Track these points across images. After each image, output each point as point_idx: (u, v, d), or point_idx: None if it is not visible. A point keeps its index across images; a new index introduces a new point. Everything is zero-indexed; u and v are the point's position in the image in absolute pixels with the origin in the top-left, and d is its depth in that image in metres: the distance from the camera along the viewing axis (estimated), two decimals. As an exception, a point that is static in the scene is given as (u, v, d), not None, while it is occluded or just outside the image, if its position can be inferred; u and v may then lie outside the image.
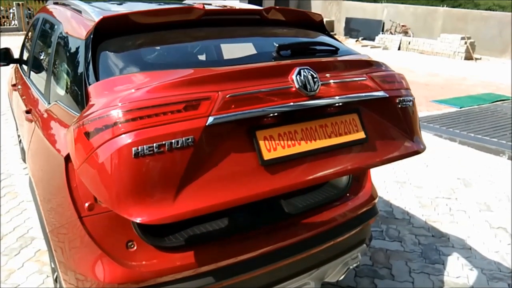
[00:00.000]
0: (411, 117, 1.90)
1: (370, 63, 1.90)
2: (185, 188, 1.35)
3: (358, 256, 2.22)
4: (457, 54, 13.50)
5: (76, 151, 1.45)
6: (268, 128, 1.54)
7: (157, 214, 1.30)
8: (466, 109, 7.01)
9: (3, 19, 17.34)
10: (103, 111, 1.39)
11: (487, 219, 3.54)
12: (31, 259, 2.83)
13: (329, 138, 1.64)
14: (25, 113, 2.56)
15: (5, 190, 3.77)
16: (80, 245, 1.67)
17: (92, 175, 1.37)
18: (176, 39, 2.01)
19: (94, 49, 1.75)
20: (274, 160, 1.50)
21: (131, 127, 1.32)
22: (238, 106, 1.45)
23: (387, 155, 1.77)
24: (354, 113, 1.74)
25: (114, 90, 1.52)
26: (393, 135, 1.83)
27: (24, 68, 3.30)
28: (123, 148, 1.30)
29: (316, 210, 2.07)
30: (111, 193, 1.32)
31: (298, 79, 1.58)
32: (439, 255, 3.02)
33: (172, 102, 1.38)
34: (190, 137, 1.35)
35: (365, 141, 1.73)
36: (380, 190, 3.96)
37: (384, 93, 1.81)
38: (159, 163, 1.32)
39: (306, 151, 1.58)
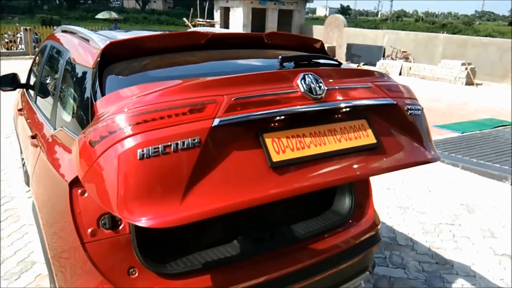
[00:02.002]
0: (422, 126, 1.86)
1: (374, 73, 1.89)
2: (192, 190, 1.31)
3: (361, 284, 2.20)
4: (458, 79, 13.62)
5: (81, 161, 1.43)
6: (276, 131, 1.52)
7: (165, 217, 1.27)
8: (468, 134, 7.02)
9: (11, 43, 17.66)
10: (107, 118, 1.39)
11: (491, 246, 3.51)
12: (31, 284, 2.81)
13: (338, 143, 1.61)
14: (31, 138, 2.59)
15: (7, 213, 3.77)
16: (82, 271, 1.67)
17: (98, 182, 1.35)
18: (181, 61, 2.05)
19: (100, 73, 1.78)
20: (283, 162, 1.47)
21: (136, 130, 1.31)
22: (243, 108, 1.44)
23: (399, 161, 1.73)
24: (363, 119, 1.72)
25: (119, 100, 1.52)
26: (405, 142, 1.79)
27: (30, 93, 3.35)
28: (128, 150, 1.28)
29: (318, 237, 2.07)
30: (117, 198, 1.29)
31: (303, 84, 1.57)
32: (443, 283, 2.98)
33: (177, 106, 1.37)
34: (196, 138, 1.33)
35: (376, 146, 1.69)
36: (383, 216, 3.94)
37: (392, 100, 1.79)
38: (165, 165, 1.29)
39: (316, 154, 1.54)
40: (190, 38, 2.13)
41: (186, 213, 1.28)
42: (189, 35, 2.13)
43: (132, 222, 1.27)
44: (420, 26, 45.69)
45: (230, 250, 1.90)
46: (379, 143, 1.69)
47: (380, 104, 1.77)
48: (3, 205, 3.94)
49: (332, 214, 2.27)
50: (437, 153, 1.86)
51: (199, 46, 2.12)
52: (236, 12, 22.58)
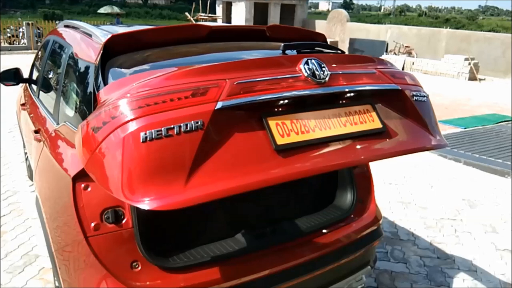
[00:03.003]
0: (428, 112, 1.84)
1: (377, 60, 1.88)
2: (197, 172, 1.30)
3: (362, 278, 2.21)
4: (461, 74, 13.57)
5: (84, 147, 1.43)
6: (280, 115, 1.51)
7: (169, 199, 1.26)
8: (470, 129, 7.01)
9: (13, 37, 17.66)
10: (109, 104, 1.39)
11: (493, 241, 3.51)
12: (34, 277, 2.83)
13: (343, 127, 1.60)
14: (34, 132, 2.60)
15: (11, 207, 3.80)
16: (85, 264, 1.68)
17: (101, 167, 1.34)
18: (183, 52, 2.05)
19: (103, 66, 1.78)
20: (287, 145, 1.45)
21: (138, 113, 1.31)
22: (246, 92, 1.44)
23: (406, 146, 1.72)
24: (368, 104, 1.70)
25: (121, 87, 1.52)
26: (411, 128, 1.78)
27: (33, 88, 3.36)
28: (131, 134, 1.28)
29: (320, 232, 2.08)
30: (121, 182, 1.28)
31: (306, 68, 1.56)
32: (444, 277, 2.99)
33: (179, 90, 1.37)
34: (199, 121, 1.32)
35: (382, 131, 1.67)
36: (385, 211, 3.94)
37: (397, 86, 1.77)
38: (169, 148, 1.29)
39: (321, 138, 1.53)
40: (192, 31, 2.14)
41: (191, 195, 1.27)
42: (190, 28, 2.13)
43: (136, 205, 1.26)
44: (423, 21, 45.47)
45: (233, 245, 1.91)
46: (385, 127, 1.68)
47: (384, 89, 1.75)
48: (7, 199, 3.96)
49: (334, 209, 2.28)
50: (443, 139, 1.84)
51: (201, 39, 2.13)
52: (238, 7, 22.50)
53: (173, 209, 1.26)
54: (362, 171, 2.40)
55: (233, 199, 2.33)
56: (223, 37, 2.24)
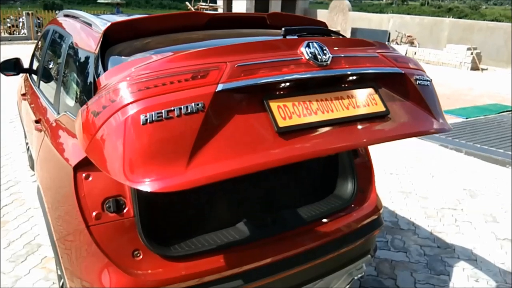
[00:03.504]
0: (432, 96, 1.82)
1: (380, 44, 1.86)
2: (198, 154, 1.30)
3: (362, 267, 2.23)
4: (463, 64, 13.49)
5: (84, 132, 1.42)
6: (281, 98, 1.50)
7: (171, 181, 1.25)
8: (472, 119, 6.99)
9: (13, 27, 17.58)
10: (109, 88, 1.39)
11: (493, 231, 3.53)
12: (37, 266, 2.86)
13: (346, 110, 1.58)
14: (35, 122, 2.61)
15: (13, 197, 3.81)
16: (87, 253, 1.69)
17: (102, 151, 1.33)
18: (183, 39, 2.04)
19: (103, 54, 1.77)
20: (289, 127, 1.44)
21: (138, 96, 1.30)
22: (247, 75, 1.43)
23: (409, 129, 1.71)
24: (371, 87, 1.69)
25: (120, 71, 1.51)
26: (414, 111, 1.76)
27: (33, 78, 3.35)
28: (131, 116, 1.28)
29: (321, 221, 2.08)
30: (122, 164, 1.27)
31: (307, 51, 1.55)
32: (444, 266, 3.01)
33: (179, 72, 1.36)
34: (199, 103, 1.32)
35: (385, 114, 1.66)
36: (386, 201, 3.95)
37: (399, 69, 1.76)
38: (169, 130, 1.28)
39: (323, 121, 1.52)
40: (192, 19, 2.13)
41: (192, 177, 1.26)
42: (190, 15, 2.12)
43: (138, 187, 1.26)
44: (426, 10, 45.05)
45: (233, 234, 1.92)
46: (388, 111, 1.66)
47: (387, 73, 1.73)
48: (8, 189, 3.98)
49: (335, 199, 2.29)
50: (447, 123, 1.82)
51: (201, 27, 2.12)
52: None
53: (174, 191, 1.25)
54: (363, 160, 2.40)
55: (234, 188, 2.34)
56: (223, 25, 2.23)
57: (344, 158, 2.30)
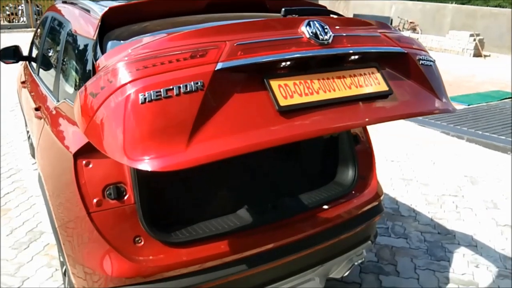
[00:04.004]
0: (435, 77, 1.80)
1: (382, 24, 1.84)
2: (198, 133, 1.28)
3: (363, 253, 2.24)
4: (465, 51, 13.38)
5: (82, 113, 1.41)
6: (283, 77, 1.49)
7: (171, 160, 1.24)
8: (474, 106, 6.96)
9: (12, 15, 17.47)
10: (107, 68, 1.38)
11: (494, 217, 3.53)
12: (40, 253, 2.88)
13: (349, 89, 1.56)
14: (34, 110, 2.60)
15: (15, 185, 3.83)
16: (88, 240, 1.70)
17: (101, 131, 1.32)
18: (182, 22, 2.02)
19: (101, 39, 1.76)
20: (291, 106, 1.42)
21: (136, 75, 1.29)
22: (247, 53, 1.41)
23: (413, 108, 1.70)
24: (373, 67, 1.67)
25: (118, 52, 1.50)
26: (418, 91, 1.74)
27: (33, 66, 3.34)
28: (130, 95, 1.26)
29: (322, 208, 2.09)
30: (121, 144, 1.26)
31: (308, 30, 1.52)
32: (444, 252, 3.02)
33: (178, 51, 1.35)
34: (199, 82, 1.30)
35: (388, 93, 1.63)
36: (387, 188, 3.96)
37: (402, 49, 1.73)
38: (169, 109, 1.27)
39: (325, 100, 1.49)
40: (190, 2, 2.11)
41: (193, 156, 1.25)
42: None
43: (138, 167, 1.25)
44: (428, -4, 44.66)
45: (234, 220, 1.93)
46: (391, 90, 1.64)
47: (390, 52, 1.71)
48: (10, 177, 3.99)
49: (336, 185, 2.29)
50: (451, 103, 1.80)
51: (200, 11, 2.10)
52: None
53: (175, 170, 1.24)
54: (364, 147, 2.39)
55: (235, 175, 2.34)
56: (223, 8, 2.20)
57: (345, 145, 2.30)
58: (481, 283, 2.72)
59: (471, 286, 2.69)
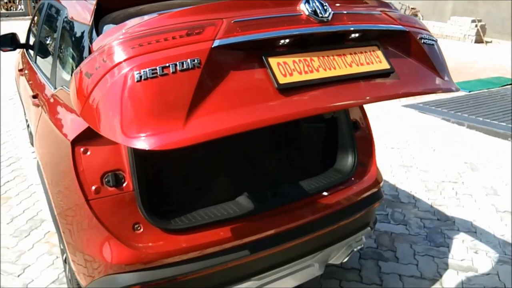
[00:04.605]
0: (438, 56, 1.78)
1: (383, 3, 1.81)
2: (196, 110, 1.26)
3: (362, 239, 2.24)
4: (467, 37, 13.27)
5: (78, 94, 1.39)
6: (281, 54, 1.46)
7: (169, 138, 1.22)
8: (475, 93, 6.92)
9: (10, 3, 17.31)
10: (102, 48, 1.36)
11: (494, 203, 3.54)
12: (40, 241, 2.89)
13: (349, 67, 1.54)
14: (32, 97, 2.59)
15: (15, 174, 3.83)
16: (88, 227, 1.71)
17: (97, 112, 1.30)
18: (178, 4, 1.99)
19: (97, 23, 1.74)
20: (290, 84, 1.41)
21: (131, 53, 1.27)
22: (244, 30, 1.39)
23: (415, 87, 1.68)
24: (374, 45, 1.65)
25: (113, 32, 1.48)
26: (420, 70, 1.72)
27: (30, 53, 3.32)
28: (125, 74, 1.25)
29: (321, 194, 2.09)
30: (117, 123, 1.24)
31: (307, 7, 1.50)
32: (444, 238, 3.03)
33: (174, 29, 1.33)
34: (195, 59, 1.28)
35: (390, 72, 1.61)
36: (386, 174, 3.96)
37: (404, 28, 1.71)
38: (165, 86, 1.25)
39: (325, 78, 1.48)
40: None
41: (191, 134, 1.24)
42: None
43: (135, 146, 1.23)
44: (430, -19, 44.16)
45: (234, 207, 1.93)
46: (393, 68, 1.62)
47: (391, 30, 1.69)
48: (10, 165, 3.99)
49: (335, 172, 2.28)
50: (454, 83, 1.78)
51: None
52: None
53: (173, 149, 1.22)
54: (364, 134, 2.38)
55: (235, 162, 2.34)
56: None
57: (345, 131, 2.29)
58: (480, 269, 2.73)
59: (470, 272, 2.70)
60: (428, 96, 6.61)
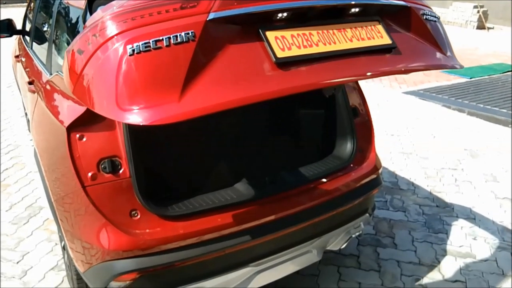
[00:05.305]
0: (440, 33, 1.76)
1: None
2: (192, 85, 1.24)
3: (360, 225, 2.24)
4: (469, 23, 13.15)
5: (70, 72, 1.37)
6: (279, 29, 1.43)
7: (164, 113, 1.19)
8: (476, 79, 6.87)
9: (7, -10, 17.13)
10: (93, 24, 1.34)
11: (493, 190, 3.53)
12: (39, 228, 2.90)
13: (350, 42, 1.51)
14: (28, 84, 2.56)
15: (13, 161, 3.83)
16: (85, 213, 1.70)
17: (90, 88, 1.28)
18: None
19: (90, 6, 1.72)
20: (288, 58, 1.38)
21: (123, 27, 1.24)
22: (241, 3, 1.36)
23: (417, 62, 1.66)
24: (375, 20, 1.62)
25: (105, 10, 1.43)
26: (423, 46, 1.70)
27: (27, 39, 3.28)
28: (117, 48, 1.22)
29: (320, 181, 2.08)
30: (111, 98, 1.22)
31: None
32: (442, 225, 3.03)
33: (168, 3, 1.30)
34: (190, 32, 1.25)
35: (392, 47, 1.59)
36: (386, 161, 3.95)
37: (405, 3, 1.68)
38: (159, 60, 1.23)
39: (325, 52, 1.45)
40: None
41: (186, 109, 1.21)
42: None
43: (129, 122, 1.21)
44: (432, -34, 43.60)
45: (231, 194, 1.92)
46: (395, 44, 1.59)
47: (392, 5, 1.66)
48: (9, 153, 3.98)
49: (334, 159, 2.27)
50: (457, 60, 1.76)
51: None
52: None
53: (168, 123, 1.20)
54: (363, 120, 2.36)
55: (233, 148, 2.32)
56: None
57: (344, 117, 2.27)
58: (478, 255, 2.74)
59: (469, 258, 2.71)
60: (429, 82, 6.57)
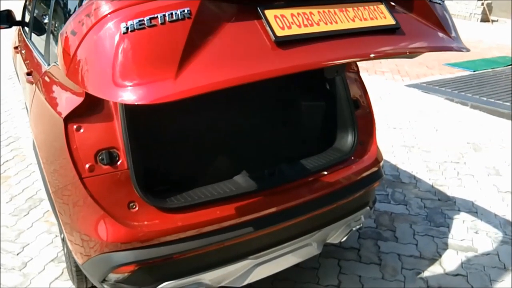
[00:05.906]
0: (445, 15, 1.72)
1: None
2: (188, 63, 1.22)
3: (361, 218, 2.22)
4: (473, 16, 13.04)
5: (64, 54, 1.34)
6: (279, 7, 1.40)
7: (160, 92, 1.17)
8: (479, 72, 6.82)
9: (8, -18, 17.09)
10: (85, 5, 1.31)
11: (495, 184, 3.51)
12: (40, 220, 2.89)
13: (352, 22, 1.48)
14: (26, 75, 2.55)
15: (14, 153, 3.82)
16: (83, 205, 1.69)
17: (84, 69, 1.26)
18: None
19: None
20: (288, 37, 1.35)
21: (116, 6, 1.22)
22: None
23: (421, 44, 1.63)
24: (378, 1, 1.59)
25: None
26: (427, 28, 1.67)
27: (26, 30, 3.26)
28: (111, 27, 1.20)
29: (320, 173, 2.06)
30: (106, 78, 1.19)
31: None
32: (444, 218, 3.01)
33: None
34: (185, 9, 1.22)
35: (395, 27, 1.56)
36: (388, 155, 3.92)
37: None
38: (154, 38, 1.20)
39: (326, 31, 1.42)
40: None
41: (183, 87, 1.19)
42: None
43: (124, 101, 1.19)
44: (437, -41, 43.12)
45: (231, 186, 1.90)
46: (398, 24, 1.56)
47: None
48: (9, 145, 3.98)
49: (335, 151, 2.25)
50: (462, 42, 1.73)
51: None
52: None
53: (164, 102, 1.18)
54: (364, 112, 2.34)
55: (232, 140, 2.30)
56: None
57: (345, 109, 2.24)
58: (480, 249, 2.72)
59: (470, 252, 2.69)
60: (432, 75, 6.52)
